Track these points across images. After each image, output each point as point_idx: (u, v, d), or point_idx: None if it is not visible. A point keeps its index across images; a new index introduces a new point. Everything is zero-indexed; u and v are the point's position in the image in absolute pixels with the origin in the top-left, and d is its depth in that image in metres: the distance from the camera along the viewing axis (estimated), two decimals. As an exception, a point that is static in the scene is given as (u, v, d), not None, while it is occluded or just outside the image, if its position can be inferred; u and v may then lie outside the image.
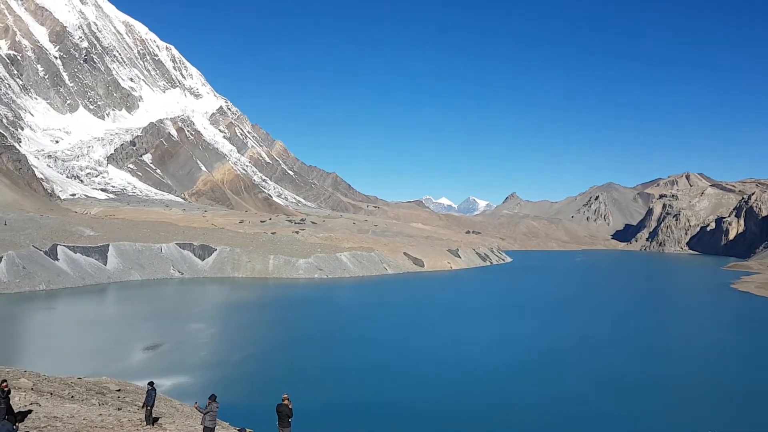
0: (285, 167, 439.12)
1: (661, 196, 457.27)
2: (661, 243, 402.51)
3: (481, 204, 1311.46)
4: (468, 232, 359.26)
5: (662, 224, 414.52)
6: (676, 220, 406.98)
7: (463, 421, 55.03)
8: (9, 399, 19.51)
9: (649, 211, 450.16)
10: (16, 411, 20.74)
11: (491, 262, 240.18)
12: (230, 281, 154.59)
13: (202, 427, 21.59)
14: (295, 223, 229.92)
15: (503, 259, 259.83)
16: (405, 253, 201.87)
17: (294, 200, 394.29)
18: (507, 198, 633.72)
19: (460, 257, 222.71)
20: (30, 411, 22.48)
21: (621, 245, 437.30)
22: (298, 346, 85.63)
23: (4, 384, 19.68)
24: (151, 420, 23.91)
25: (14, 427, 18.17)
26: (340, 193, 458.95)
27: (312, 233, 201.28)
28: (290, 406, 21.88)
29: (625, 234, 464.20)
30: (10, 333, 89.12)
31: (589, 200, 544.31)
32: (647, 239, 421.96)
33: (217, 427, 22.14)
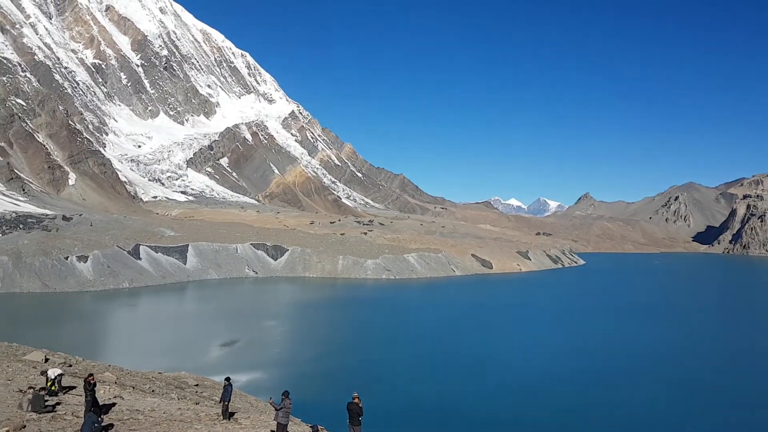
0: (354, 169, 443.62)
1: (745, 197, 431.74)
2: (745, 245, 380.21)
3: (552, 205, 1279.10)
4: (538, 233, 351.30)
5: (746, 226, 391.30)
6: (762, 221, 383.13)
7: (535, 427, 53.75)
8: (95, 392, 20.43)
9: (733, 212, 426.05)
10: (101, 403, 21.73)
11: (563, 265, 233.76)
12: (301, 281, 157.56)
13: (275, 423, 21.89)
14: (364, 224, 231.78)
15: (576, 262, 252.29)
16: (473, 255, 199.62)
17: (362, 202, 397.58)
18: (580, 198, 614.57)
19: (530, 259, 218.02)
20: (114, 404, 23.50)
21: (702, 248, 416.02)
22: (367, 346, 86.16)
23: (91, 378, 20.65)
24: (228, 414, 24.49)
25: (99, 419, 19.01)
26: (408, 194, 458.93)
27: (380, 234, 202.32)
28: (360, 405, 21.89)
29: (707, 236, 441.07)
30: (96, 329, 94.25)
31: (668, 201, 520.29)
32: (730, 241, 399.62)
33: (289, 423, 22.40)
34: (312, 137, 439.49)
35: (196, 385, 37.46)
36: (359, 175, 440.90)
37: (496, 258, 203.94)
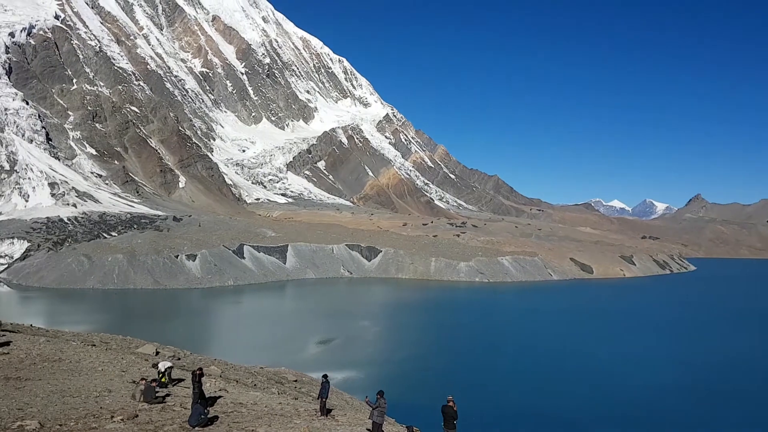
0: (446, 171, 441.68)
1: None
2: None
3: (660, 207, 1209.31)
4: (644, 237, 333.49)
5: None
6: None
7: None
8: (202, 384, 21.33)
9: None
10: (207, 396, 22.67)
11: (671, 271, 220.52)
12: (394, 282, 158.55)
13: (371, 421, 21.93)
14: (456, 226, 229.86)
15: (685, 268, 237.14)
16: (571, 259, 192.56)
17: (455, 203, 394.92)
18: (690, 200, 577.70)
19: (634, 264, 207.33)
20: (219, 396, 24.48)
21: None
22: (462, 349, 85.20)
23: (199, 371, 21.61)
24: (325, 411, 24.86)
25: (206, 410, 19.83)
26: (502, 196, 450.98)
27: (473, 236, 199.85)
28: (455, 409, 21.52)
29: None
30: (203, 324, 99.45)
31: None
32: None
33: (384, 423, 22.37)
34: (405, 139, 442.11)
35: (295, 380, 38.47)
36: (452, 176, 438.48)
37: (597, 262, 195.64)
